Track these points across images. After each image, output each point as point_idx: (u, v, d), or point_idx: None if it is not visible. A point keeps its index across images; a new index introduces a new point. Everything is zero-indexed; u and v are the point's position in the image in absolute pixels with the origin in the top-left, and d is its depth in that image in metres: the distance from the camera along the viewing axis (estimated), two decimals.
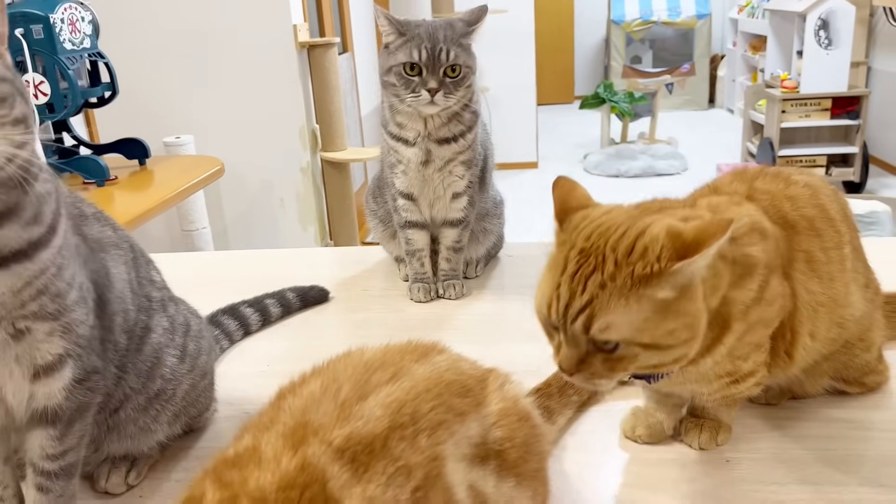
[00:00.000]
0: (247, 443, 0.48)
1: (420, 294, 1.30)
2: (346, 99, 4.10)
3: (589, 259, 0.64)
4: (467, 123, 1.26)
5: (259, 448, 0.47)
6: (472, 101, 1.26)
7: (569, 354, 0.64)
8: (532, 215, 5.33)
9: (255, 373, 1.06)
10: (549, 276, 0.68)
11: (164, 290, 0.87)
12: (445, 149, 1.26)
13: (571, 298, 0.63)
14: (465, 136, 1.26)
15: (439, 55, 1.18)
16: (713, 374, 0.74)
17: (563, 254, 0.66)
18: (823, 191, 0.83)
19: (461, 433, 0.54)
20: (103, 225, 0.80)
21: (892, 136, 5.70)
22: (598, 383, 0.65)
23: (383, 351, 0.60)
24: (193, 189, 2.36)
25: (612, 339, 0.62)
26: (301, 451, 0.46)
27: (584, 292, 0.63)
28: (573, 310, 0.63)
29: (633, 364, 0.64)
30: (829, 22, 5.10)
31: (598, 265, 0.63)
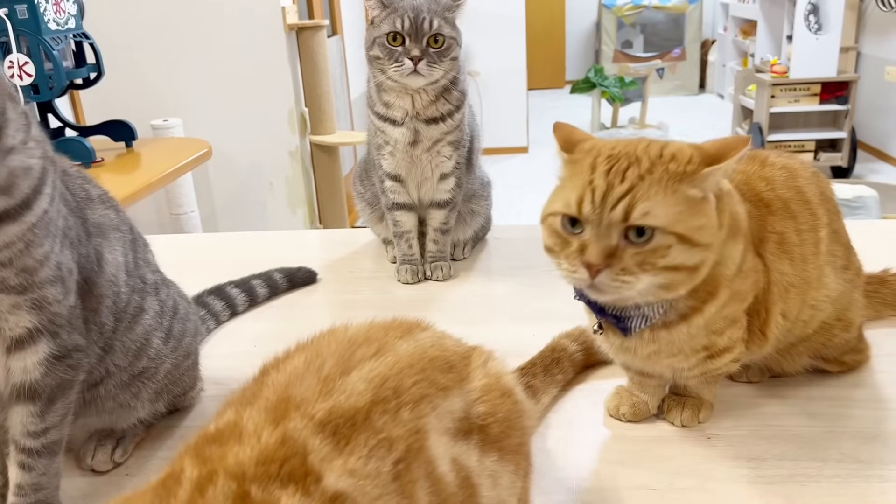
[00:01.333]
0: (228, 418, 0.49)
1: (408, 275, 1.30)
2: (335, 82, 4.08)
3: (620, 160, 0.67)
4: (455, 102, 1.25)
5: (240, 423, 0.47)
6: (458, 79, 1.25)
7: (599, 248, 0.66)
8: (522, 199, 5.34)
9: (241, 352, 1.06)
10: (571, 183, 0.69)
11: (157, 273, 0.88)
12: (433, 129, 1.25)
13: (609, 189, 0.66)
14: (452, 116, 1.25)
15: (422, 24, 1.18)
16: (689, 348, 0.75)
17: (587, 162, 0.69)
18: (801, 173, 0.83)
19: (444, 407, 0.55)
20: (107, 207, 0.81)
21: (880, 121, 5.73)
22: (625, 281, 0.66)
23: (367, 327, 0.60)
24: (180, 172, 2.35)
25: (651, 224, 0.64)
26: (282, 426, 0.46)
27: (623, 182, 0.66)
28: (612, 198, 0.65)
29: (662, 260, 0.65)
30: (819, 7, 5.10)
31: (632, 163, 0.67)
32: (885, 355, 0.96)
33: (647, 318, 0.72)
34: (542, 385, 0.90)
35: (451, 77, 1.23)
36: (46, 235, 0.67)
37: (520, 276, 1.31)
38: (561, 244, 0.69)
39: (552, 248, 0.71)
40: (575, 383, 0.95)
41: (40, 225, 0.66)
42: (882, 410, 0.86)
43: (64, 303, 0.69)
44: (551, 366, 0.93)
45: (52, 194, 0.68)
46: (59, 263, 0.68)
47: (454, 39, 1.21)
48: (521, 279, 1.29)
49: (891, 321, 1.05)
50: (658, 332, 0.73)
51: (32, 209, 0.65)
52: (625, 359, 0.80)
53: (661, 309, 0.72)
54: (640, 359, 0.77)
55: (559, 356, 0.94)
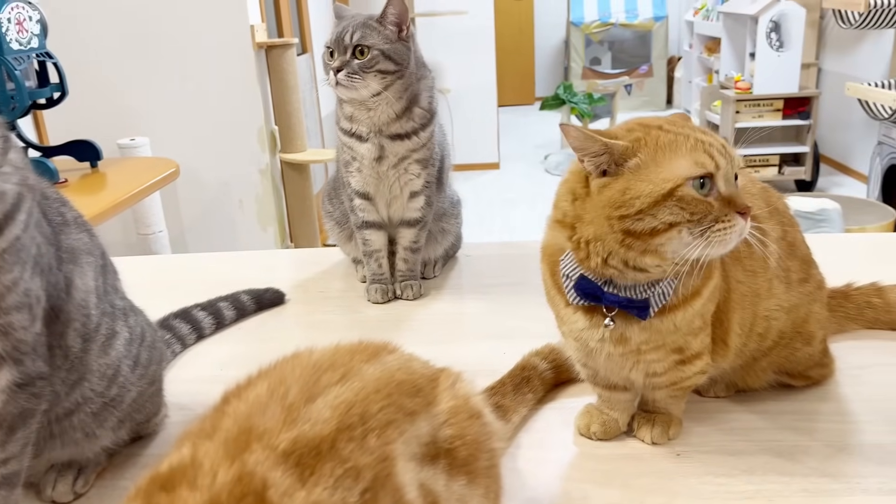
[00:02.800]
0: (183, 454, 0.47)
1: (377, 295, 1.29)
2: (305, 100, 4.07)
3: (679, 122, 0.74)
4: (419, 120, 1.25)
5: (196, 459, 0.46)
6: (421, 97, 1.25)
7: (739, 193, 0.70)
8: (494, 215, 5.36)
9: (207, 377, 1.05)
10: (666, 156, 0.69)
11: (125, 300, 0.88)
12: (399, 145, 1.25)
13: (716, 142, 0.71)
14: (418, 134, 1.25)
15: (344, 35, 1.18)
16: (670, 345, 0.76)
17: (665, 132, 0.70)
18: (749, 189, 0.85)
19: (411, 433, 0.54)
20: (81, 230, 0.80)
21: (841, 135, 5.87)
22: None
23: (332, 351, 0.59)
24: (147, 192, 2.32)
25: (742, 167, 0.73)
26: (240, 460, 0.45)
27: (712, 136, 0.72)
28: (728, 149, 0.71)
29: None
30: (780, 24, 5.23)
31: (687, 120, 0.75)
32: (849, 369, 0.97)
33: (665, 294, 0.72)
34: (512, 404, 0.89)
35: (398, 93, 1.20)
36: (16, 262, 0.65)
37: (490, 293, 1.31)
38: (703, 210, 0.68)
39: (683, 221, 0.67)
40: (545, 402, 0.95)
41: (11, 251, 0.65)
42: (848, 424, 0.87)
43: (30, 330, 0.68)
44: (521, 385, 0.93)
45: (26, 221, 0.67)
46: (27, 290, 0.67)
47: (382, 53, 1.17)
48: (491, 297, 1.29)
49: (855, 335, 1.06)
50: (651, 320, 0.74)
51: (3, 235, 0.64)
52: (611, 351, 0.77)
53: (675, 284, 0.72)
54: (625, 354, 0.77)
55: (529, 375, 0.94)
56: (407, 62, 1.21)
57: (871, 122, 4.73)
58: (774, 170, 5.52)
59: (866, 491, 0.74)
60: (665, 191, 0.67)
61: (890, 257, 1.42)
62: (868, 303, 1.06)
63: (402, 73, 1.20)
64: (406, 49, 1.21)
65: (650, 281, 0.72)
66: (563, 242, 0.75)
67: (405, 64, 1.20)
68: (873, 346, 1.03)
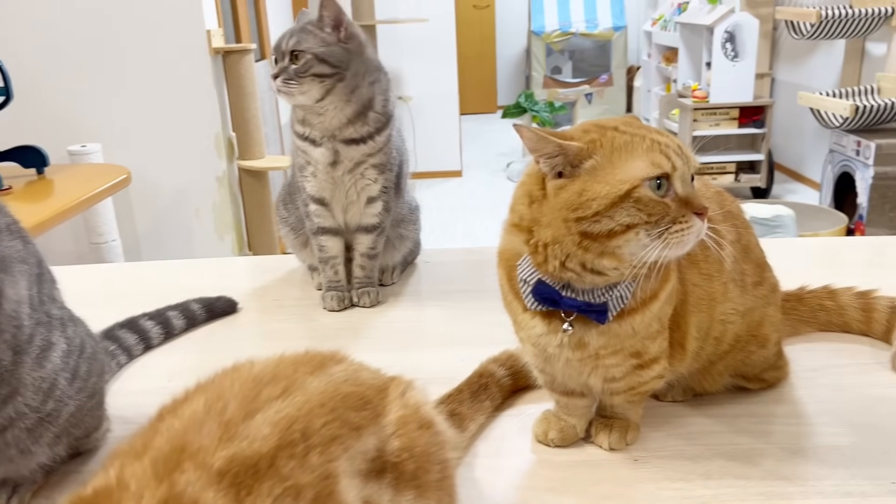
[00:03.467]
0: (109, 476, 0.44)
1: (333, 302, 1.26)
2: (264, 106, 4.01)
3: (635, 122, 0.73)
4: (374, 125, 1.23)
5: (122, 480, 0.43)
6: (375, 102, 1.22)
7: (698, 195, 0.70)
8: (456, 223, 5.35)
9: (154, 389, 0.99)
10: (623, 157, 0.68)
11: (64, 310, 0.83)
12: (354, 150, 1.23)
13: (673, 140, 0.70)
14: (374, 138, 1.23)
15: (282, 41, 1.18)
16: (628, 349, 0.75)
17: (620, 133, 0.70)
18: (703, 193, 0.85)
19: (356, 448, 0.52)
20: (14, 238, 0.75)
21: (794, 143, 6.01)
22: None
23: (275, 363, 0.57)
24: (96, 199, 2.25)
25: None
26: (169, 481, 0.42)
27: (667, 136, 0.71)
28: (682, 147, 0.70)
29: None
30: (735, 35, 5.34)
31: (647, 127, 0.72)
32: (804, 371, 0.98)
33: (623, 297, 0.71)
34: (469, 412, 0.87)
35: (344, 97, 1.18)
36: None
37: (450, 300, 1.29)
38: (659, 212, 0.67)
39: (640, 223, 0.66)
40: (503, 409, 0.94)
41: None
42: (803, 426, 0.87)
43: None
44: (479, 392, 0.91)
45: None
46: None
47: (316, 57, 1.15)
48: (450, 303, 1.28)
49: (809, 337, 1.07)
50: (610, 324, 0.73)
51: None
52: (569, 356, 0.76)
53: (633, 288, 0.71)
54: (582, 359, 0.75)
55: (487, 382, 0.93)
56: (345, 64, 1.18)
57: (822, 130, 4.85)
58: (731, 177, 5.63)
59: (822, 493, 0.74)
60: (622, 192, 0.66)
61: (841, 261, 1.44)
62: (821, 305, 1.07)
63: (341, 76, 1.17)
64: (344, 51, 1.18)
65: (608, 284, 0.71)
66: (519, 247, 0.74)
67: (343, 66, 1.18)
68: (826, 349, 1.04)
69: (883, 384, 0.94)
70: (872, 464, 0.78)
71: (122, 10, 3.16)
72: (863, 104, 4.07)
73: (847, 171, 4.40)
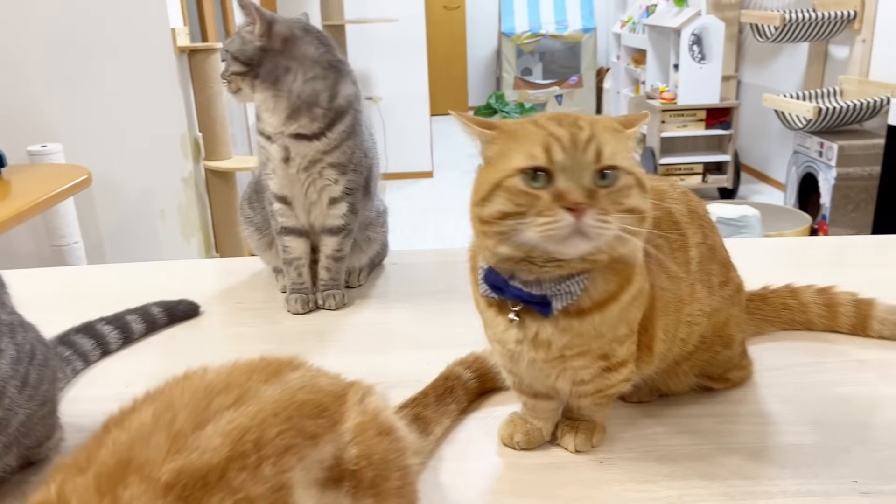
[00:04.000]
0: (50, 491, 0.42)
1: (298, 305, 1.24)
2: (231, 106, 3.96)
3: (562, 119, 0.69)
4: (322, 121, 1.21)
5: (63, 496, 0.41)
6: (322, 96, 1.20)
7: (580, 189, 0.65)
8: (427, 224, 5.34)
9: (112, 395, 0.96)
10: (518, 146, 0.68)
11: (14, 315, 0.80)
12: (305, 146, 1.21)
13: (573, 135, 0.67)
14: (325, 135, 1.21)
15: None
16: (596, 347, 0.74)
17: (527, 127, 0.69)
18: (670, 194, 0.85)
19: (312, 457, 0.50)
20: None
21: (760, 145, 6.10)
22: (606, 222, 0.65)
23: (228, 371, 0.55)
24: (55, 200, 2.19)
25: (618, 164, 0.66)
26: (112, 496, 0.41)
27: (582, 130, 0.67)
28: (581, 142, 0.66)
29: (627, 201, 0.67)
30: (701, 37, 5.41)
31: (576, 119, 0.69)
32: (767, 370, 0.98)
33: (570, 294, 0.70)
34: (434, 416, 0.86)
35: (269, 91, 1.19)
36: None
37: (417, 302, 1.28)
38: (528, 203, 0.66)
39: (513, 212, 0.66)
40: (469, 412, 0.93)
41: None
42: (766, 425, 0.87)
43: None
44: (444, 395, 0.90)
45: None
46: None
47: (231, 55, 1.19)
48: (418, 305, 1.26)
49: (772, 336, 1.08)
50: (571, 321, 0.72)
51: None
52: (534, 356, 0.75)
53: (583, 284, 0.70)
54: (549, 360, 0.75)
55: (452, 385, 0.91)
56: (256, 61, 1.18)
57: (787, 131, 4.93)
58: (699, 178, 5.70)
59: (785, 493, 0.75)
60: (496, 180, 0.68)
61: (804, 261, 1.46)
62: (784, 304, 1.08)
63: (255, 73, 1.18)
64: (258, 49, 1.18)
65: (554, 278, 0.70)
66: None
67: (254, 63, 1.18)
68: (790, 348, 1.05)
69: (844, 383, 0.95)
70: (835, 462, 0.79)
71: (83, 8, 3.09)
72: (826, 106, 4.15)
73: (811, 172, 4.48)
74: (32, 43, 3.07)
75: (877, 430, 0.85)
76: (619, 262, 0.70)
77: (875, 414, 0.88)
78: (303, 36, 1.21)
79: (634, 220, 0.67)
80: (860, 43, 4.49)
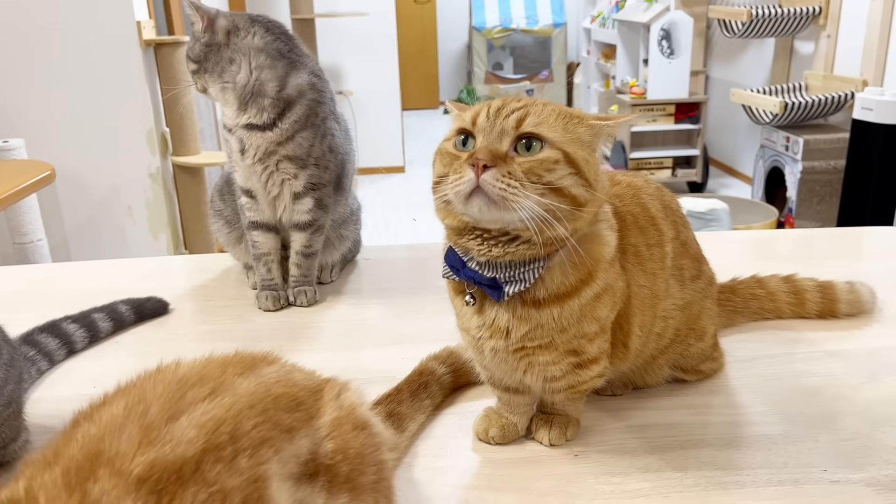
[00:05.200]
0: (18, 487, 0.41)
1: (268, 302, 1.23)
2: (199, 100, 3.90)
3: (514, 98, 0.72)
4: (271, 111, 1.19)
5: (31, 492, 0.40)
6: (270, 85, 1.19)
7: (489, 148, 0.67)
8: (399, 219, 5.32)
9: (78, 395, 0.94)
10: (464, 113, 0.73)
11: None
12: (258, 136, 1.20)
13: (505, 105, 0.70)
14: (277, 125, 1.20)
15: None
16: (561, 343, 0.74)
17: (480, 104, 0.72)
18: (645, 189, 0.85)
19: (288, 451, 0.50)
20: None
21: (728, 139, 6.19)
22: (511, 186, 0.65)
23: (202, 365, 0.54)
24: (16, 197, 2.14)
25: (541, 134, 0.67)
26: (82, 491, 0.40)
27: (518, 102, 0.70)
28: (507, 110, 0.69)
29: (548, 174, 0.67)
30: (670, 32, 5.46)
31: (529, 100, 0.71)
32: (738, 361, 1.00)
33: (524, 281, 0.70)
34: (409, 412, 0.86)
35: (217, 84, 1.20)
36: None
37: (390, 297, 1.27)
38: (449, 162, 0.70)
39: (442, 174, 0.70)
40: (444, 406, 0.92)
41: None
42: (737, 416, 0.88)
43: None
44: (419, 390, 0.89)
45: None
46: None
47: (187, 55, 1.22)
48: (391, 301, 1.26)
49: (743, 328, 1.09)
50: (529, 310, 0.72)
51: None
52: (494, 345, 0.75)
53: (537, 272, 0.70)
54: (510, 351, 0.74)
55: (427, 380, 0.91)
56: (203, 57, 1.20)
57: (754, 126, 5.01)
58: (669, 172, 5.76)
59: (756, 483, 0.75)
60: (438, 147, 0.73)
61: (772, 253, 1.48)
62: (753, 294, 1.09)
63: (203, 68, 1.20)
64: (203, 45, 1.19)
65: (507, 262, 0.70)
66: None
67: (201, 59, 1.20)
68: (760, 339, 1.06)
69: (813, 373, 0.97)
70: (804, 452, 0.80)
71: (47, 1, 3.02)
72: (791, 101, 4.22)
73: (777, 166, 4.56)
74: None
75: (845, 420, 0.86)
76: (579, 256, 0.70)
77: (843, 404, 0.90)
78: (247, 27, 1.21)
79: (560, 200, 0.67)
80: (825, 38, 4.57)
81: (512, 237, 0.68)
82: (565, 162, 0.67)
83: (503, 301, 0.72)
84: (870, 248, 1.52)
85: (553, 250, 0.70)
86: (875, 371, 0.97)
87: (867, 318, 1.11)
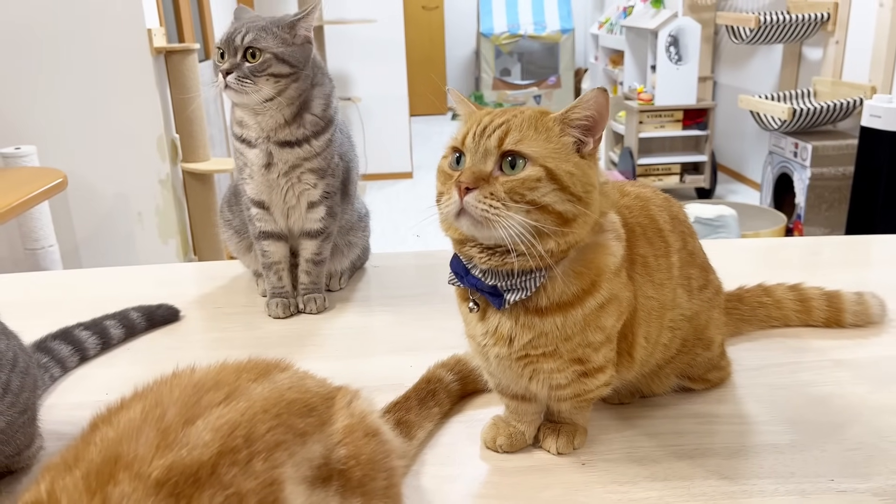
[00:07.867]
0: (40, 491, 0.42)
1: (278, 310, 1.24)
2: (209, 107, 3.93)
3: (503, 111, 0.74)
4: (311, 127, 1.20)
5: (53, 495, 0.41)
6: (313, 104, 1.20)
7: (472, 170, 0.69)
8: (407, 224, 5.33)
9: (91, 402, 0.95)
10: (461, 126, 0.75)
11: None
12: (288, 153, 1.20)
13: (489, 123, 0.71)
14: (310, 142, 1.20)
15: (235, 36, 1.13)
16: (566, 351, 0.74)
17: (482, 111, 0.75)
18: (654, 201, 0.86)
19: (302, 454, 0.50)
20: None
21: (736, 145, 6.17)
22: (493, 206, 0.67)
23: (217, 370, 0.55)
24: (29, 204, 2.16)
25: (522, 151, 0.68)
26: (102, 494, 0.41)
27: (501, 118, 0.71)
28: (490, 128, 0.70)
29: (530, 193, 0.67)
30: (678, 39, 5.46)
31: (514, 111, 0.73)
32: (745, 370, 1.00)
33: (525, 290, 0.71)
34: (417, 419, 0.87)
35: (291, 98, 1.16)
36: None
37: (399, 305, 1.28)
38: (443, 181, 0.72)
39: (441, 192, 0.72)
40: (451, 414, 0.93)
41: None
42: (744, 425, 0.88)
43: None
44: (427, 398, 0.90)
45: None
46: None
47: (276, 56, 1.13)
48: (399, 308, 1.26)
49: (750, 336, 1.10)
50: (532, 318, 0.72)
51: None
52: (498, 352, 0.75)
53: (538, 281, 0.71)
54: (514, 358, 0.75)
55: (434, 388, 0.92)
56: (303, 64, 1.16)
57: (762, 132, 5.00)
58: (677, 178, 5.75)
59: (763, 493, 0.76)
60: (438, 164, 0.75)
61: (780, 261, 1.48)
62: (759, 303, 1.09)
63: (297, 76, 1.15)
64: (303, 52, 1.16)
65: (508, 271, 0.71)
66: None
67: (301, 66, 1.16)
68: (767, 347, 1.06)
69: (820, 382, 0.97)
70: (811, 462, 0.80)
71: (58, 8, 3.05)
72: (800, 107, 4.20)
73: (786, 172, 4.54)
74: (6, 43, 3.03)
75: (852, 429, 0.86)
76: (582, 266, 0.71)
77: (850, 413, 0.90)
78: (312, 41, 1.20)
79: (546, 217, 0.67)
80: (833, 44, 4.56)
81: (506, 249, 0.69)
82: (548, 179, 0.68)
83: (505, 309, 0.73)
84: (878, 257, 1.52)
85: (553, 261, 0.70)
86: (882, 380, 0.97)
87: (875, 328, 1.11)
